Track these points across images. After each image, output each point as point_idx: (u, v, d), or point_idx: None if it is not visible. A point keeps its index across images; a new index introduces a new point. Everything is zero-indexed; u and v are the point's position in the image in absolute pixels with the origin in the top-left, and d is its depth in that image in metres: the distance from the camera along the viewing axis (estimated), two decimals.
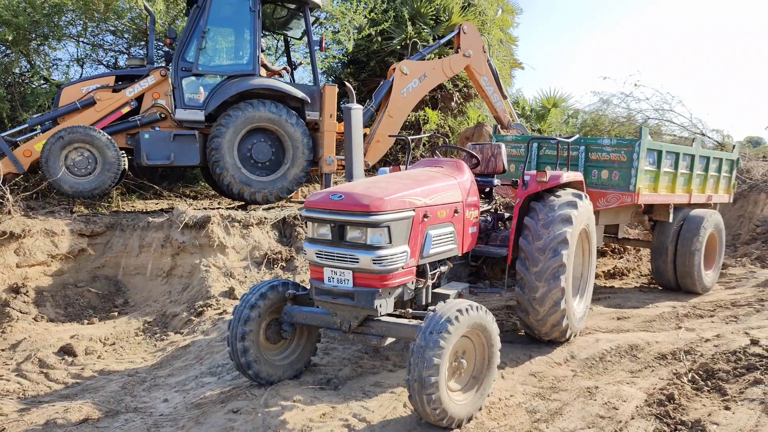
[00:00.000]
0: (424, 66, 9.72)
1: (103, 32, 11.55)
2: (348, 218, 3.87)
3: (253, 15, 8.08)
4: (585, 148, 7.10)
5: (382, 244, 3.86)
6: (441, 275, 4.79)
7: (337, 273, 3.97)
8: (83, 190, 7.55)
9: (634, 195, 6.72)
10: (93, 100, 7.83)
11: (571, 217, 5.10)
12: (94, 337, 5.98)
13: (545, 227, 5.04)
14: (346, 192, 3.98)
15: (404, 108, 9.48)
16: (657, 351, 5.47)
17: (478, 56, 10.05)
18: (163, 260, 7.33)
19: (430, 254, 4.35)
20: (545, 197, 5.30)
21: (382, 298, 3.95)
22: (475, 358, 4.01)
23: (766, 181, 12.29)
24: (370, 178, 4.71)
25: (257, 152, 8.18)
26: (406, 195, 4.11)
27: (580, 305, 5.75)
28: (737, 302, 7.33)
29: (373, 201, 3.84)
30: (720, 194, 8.70)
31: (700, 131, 14.74)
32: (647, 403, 4.31)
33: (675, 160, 7.40)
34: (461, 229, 4.79)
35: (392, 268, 3.92)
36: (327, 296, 4.03)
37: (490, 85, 10.24)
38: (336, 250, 3.94)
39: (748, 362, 4.90)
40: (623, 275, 9.29)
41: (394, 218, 3.93)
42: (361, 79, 13.25)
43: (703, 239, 7.76)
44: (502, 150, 6.08)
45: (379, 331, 4.02)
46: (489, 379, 4.03)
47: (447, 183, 4.69)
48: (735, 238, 11.54)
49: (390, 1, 12.69)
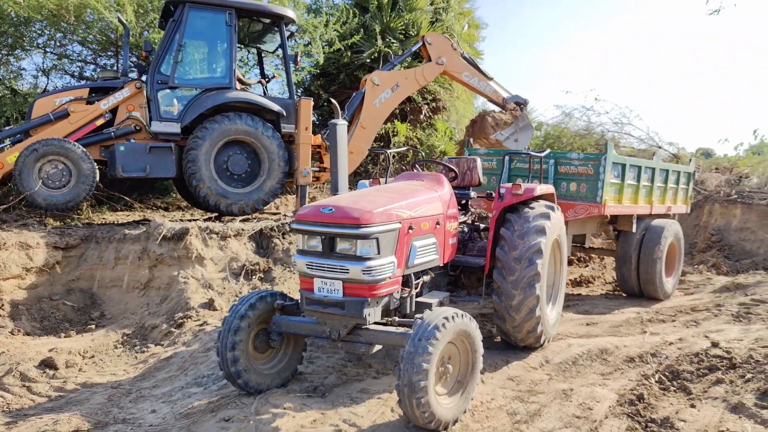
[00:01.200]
0: (397, 76, 9.88)
1: (71, 42, 11.46)
2: (338, 230, 4.02)
3: (229, 29, 8.18)
4: (555, 161, 7.43)
5: (371, 255, 4.02)
6: (424, 284, 4.95)
7: (327, 283, 4.11)
8: (57, 202, 7.50)
9: (600, 206, 7.07)
10: (66, 112, 7.79)
11: (545, 227, 5.34)
12: (73, 350, 5.94)
13: (521, 238, 5.27)
14: (335, 205, 4.13)
15: (377, 118, 9.62)
16: (625, 354, 5.75)
17: (451, 58, 10.18)
18: (140, 272, 7.32)
19: (414, 264, 4.52)
20: (520, 209, 5.54)
21: (371, 307, 4.10)
22: (460, 363, 4.18)
23: (719, 191, 12.90)
24: (356, 191, 4.89)
25: (233, 164, 8.25)
26: (392, 208, 4.29)
27: (552, 312, 6.01)
28: (696, 307, 7.72)
29: (362, 214, 4.01)
30: (678, 205, 9.15)
31: (656, 144, 15.37)
32: (619, 403, 4.56)
33: (638, 173, 7.79)
34: (443, 240, 4.98)
35: (380, 278, 4.07)
36: (317, 306, 4.16)
37: (473, 76, 10.34)
38: (326, 261, 4.08)
39: (710, 363, 5.21)
40: (589, 283, 9.65)
41: (383, 230, 4.09)
42: (331, 91, 13.42)
43: (663, 248, 8.16)
44: (477, 164, 6.34)
45: (367, 339, 4.16)
46: (473, 383, 4.22)
47: (429, 196, 4.89)
48: (692, 246, 12.08)
49: (360, 16, 12.93)
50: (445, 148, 13.36)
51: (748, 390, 4.51)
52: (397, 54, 12.40)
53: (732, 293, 8.48)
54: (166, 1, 8.22)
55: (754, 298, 7.72)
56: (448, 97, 14.30)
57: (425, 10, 13.50)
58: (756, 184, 13.04)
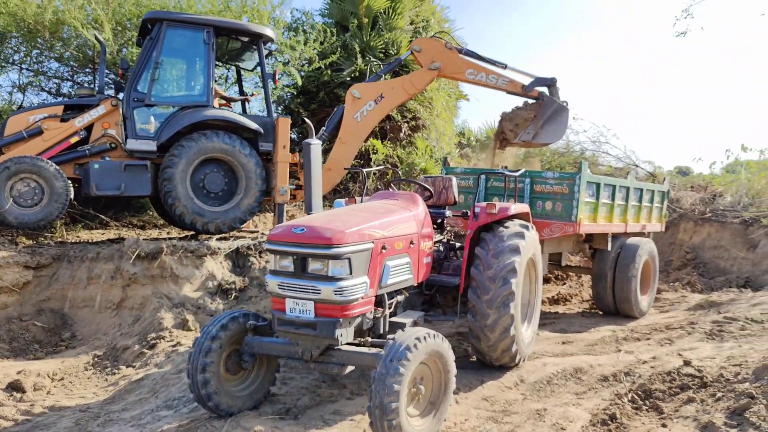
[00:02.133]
0: (380, 87, 9.36)
1: (48, 59, 11.39)
2: (310, 251, 4.02)
3: (207, 47, 8.17)
4: (530, 180, 7.49)
5: (343, 276, 4.02)
6: (398, 304, 4.97)
7: (299, 304, 4.09)
8: (29, 221, 7.37)
9: (575, 225, 7.13)
10: (40, 129, 7.69)
11: (519, 247, 5.38)
12: (42, 373, 5.83)
13: (495, 257, 5.30)
14: (308, 225, 4.14)
15: (358, 133, 9.26)
16: (600, 373, 5.78)
17: (446, 60, 9.33)
18: (112, 292, 7.22)
19: (388, 284, 4.53)
20: (495, 228, 5.58)
21: (343, 327, 4.09)
22: (433, 383, 4.17)
23: (695, 210, 13.10)
24: (329, 211, 4.88)
25: (210, 182, 8.19)
26: (365, 228, 4.29)
27: (528, 331, 6.02)
28: (671, 325, 7.78)
29: (334, 234, 4.01)
30: (653, 223, 9.26)
31: (633, 162, 15.61)
32: (592, 423, 4.57)
33: (612, 192, 7.88)
34: (417, 259, 4.98)
35: (352, 299, 4.07)
36: (289, 326, 4.14)
37: (479, 72, 9.32)
38: (298, 281, 4.07)
39: (682, 382, 5.25)
40: (566, 301, 9.70)
41: (355, 250, 4.10)
42: (311, 109, 13.43)
43: (638, 266, 8.24)
44: (453, 183, 6.37)
45: (339, 360, 4.14)
46: (445, 403, 4.21)
47: (403, 215, 4.90)
48: (667, 264, 12.22)
49: (340, 35, 13.01)
50: (426, 166, 13.42)
51: (718, 409, 4.53)
52: None
53: (706, 311, 8.57)
54: (144, 19, 8.20)
55: (726, 316, 7.80)
56: (428, 116, 14.37)
57: (405, 29, 13.61)
58: (729, 203, 13.26)
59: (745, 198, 13.05)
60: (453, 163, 13.72)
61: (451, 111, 15.92)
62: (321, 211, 4.88)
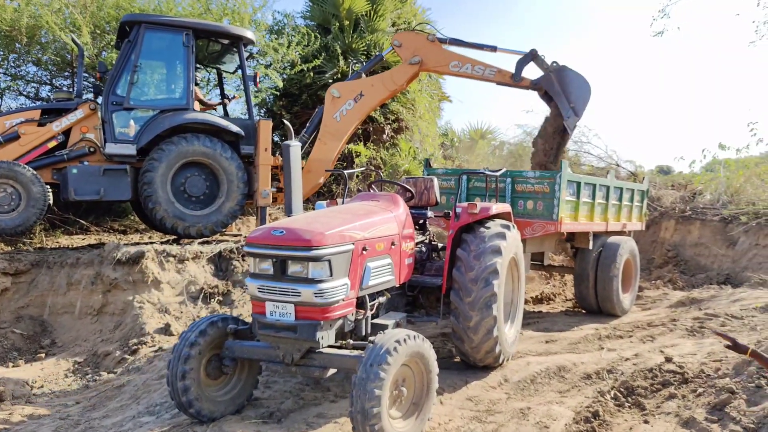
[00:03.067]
0: (359, 84, 9.17)
1: (25, 63, 11.24)
2: (289, 253, 3.97)
3: (186, 50, 8.10)
4: (511, 180, 7.51)
5: (323, 278, 3.97)
6: (380, 306, 4.94)
7: (279, 307, 4.04)
8: (6, 227, 7.23)
9: (557, 224, 7.15)
10: (17, 134, 7.57)
11: (500, 248, 5.37)
12: (21, 381, 5.74)
13: (476, 258, 5.28)
14: (287, 227, 4.09)
15: (338, 133, 9.07)
16: (583, 371, 5.81)
17: (428, 54, 9.04)
18: (93, 298, 7.13)
19: (369, 286, 4.50)
20: (476, 229, 5.56)
21: (324, 330, 4.05)
22: (415, 385, 4.15)
23: (675, 208, 13.24)
24: (310, 212, 4.82)
25: (191, 186, 8.11)
26: (345, 229, 4.26)
27: (511, 330, 6.01)
28: (653, 322, 7.85)
29: (314, 236, 3.96)
30: (633, 222, 9.33)
31: (615, 162, 15.75)
32: (575, 421, 4.59)
33: (592, 191, 7.92)
34: (398, 260, 4.96)
35: (333, 301, 4.03)
36: (269, 330, 4.08)
37: (464, 63, 8.91)
38: (278, 284, 4.02)
39: (664, 378, 5.30)
40: (550, 300, 9.76)
41: (335, 252, 4.05)
42: (294, 112, 13.39)
43: (620, 265, 8.30)
44: (434, 183, 6.35)
45: (321, 363, 4.10)
46: (428, 404, 4.19)
47: (384, 216, 4.87)
48: (649, 262, 12.33)
49: (322, 37, 12.99)
50: (409, 168, 13.43)
51: (699, 405, 4.58)
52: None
53: (687, 308, 8.67)
54: (122, 22, 8.11)
55: (707, 313, 7.89)
56: (410, 117, 14.39)
57: (387, 31, 13.64)
58: (709, 201, 13.42)
59: (724, 196, 13.22)
60: (436, 164, 13.77)
61: (434, 112, 15.96)
62: (301, 212, 4.85)
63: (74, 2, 10.39)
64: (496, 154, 17.60)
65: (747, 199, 12.66)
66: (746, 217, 11.84)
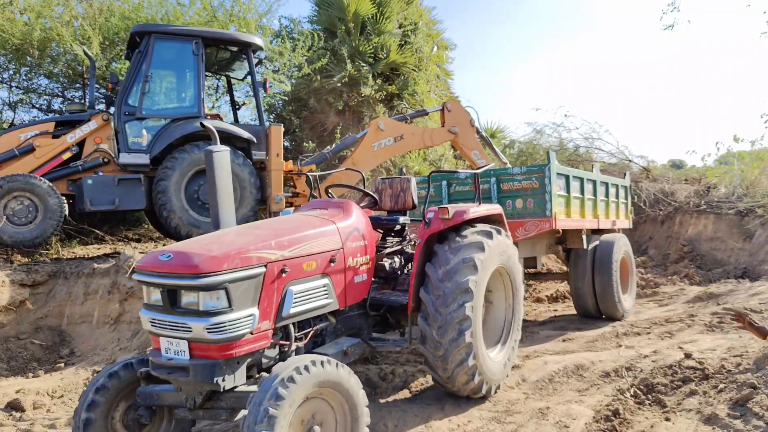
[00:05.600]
0: (404, 128, 9.48)
1: (37, 76, 11.38)
2: (177, 282, 3.36)
3: (196, 58, 8.17)
4: (496, 179, 7.08)
5: (219, 309, 3.35)
6: (323, 332, 4.36)
7: (173, 344, 3.43)
8: (24, 239, 7.34)
9: (551, 220, 6.67)
10: (32, 146, 7.67)
11: (475, 262, 4.61)
12: (41, 391, 5.78)
13: (446, 276, 4.55)
14: (175, 251, 3.48)
15: (370, 161, 9.24)
16: (601, 369, 5.77)
17: (465, 131, 9.81)
18: (110, 307, 7.19)
19: (291, 314, 3.81)
20: (450, 238, 4.80)
21: (226, 371, 3.43)
22: (336, 422, 3.50)
23: (690, 202, 13.13)
24: (220, 230, 4.06)
25: (205, 193, 8.17)
26: (254, 249, 3.61)
27: (500, 354, 5.23)
28: (670, 318, 7.79)
29: (204, 260, 3.34)
30: (622, 220, 8.93)
31: (626, 157, 15.67)
32: (595, 420, 4.56)
33: (581, 185, 7.52)
34: (341, 279, 4.29)
35: (235, 336, 3.39)
36: (163, 370, 3.47)
37: (482, 158, 9.84)
38: (168, 317, 3.41)
39: (684, 375, 5.25)
40: (565, 299, 9.70)
41: (235, 278, 3.42)
42: (303, 116, 13.46)
43: (617, 263, 7.89)
44: (411, 184, 5.76)
45: (229, 404, 3.53)
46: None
47: (321, 229, 4.20)
48: (665, 257, 12.25)
49: (328, 41, 13.03)
50: (419, 169, 13.43)
51: (720, 401, 4.53)
52: (366, 78, 12.51)
53: (705, 303, 8.59)
54: (132, 32, 8.19)
55: (725, 307, 7.82)
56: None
57: (393, 32, 13.66)
58: (724, 194, 13.31)
59: (739, 189, 13.11)
60: (447, 165, 13.75)
61: None
62: (234, 226, 4.22)
63: (84, 14, 10.51)
64: (507, 153, 17.52)
65: (762, 192, 12.54)
66: (762, 209, 11.73)
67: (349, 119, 13.15)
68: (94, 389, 3.65)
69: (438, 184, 7.65)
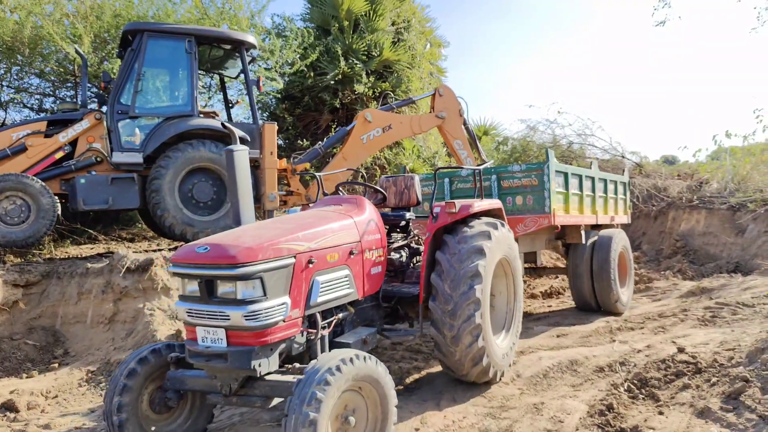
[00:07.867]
0: (391, 117, 9.56)
1: (28, 75, 11.31)
2: (215, 272, 3.54)
3: (189, 56, 8.14)
4: (497, 176, 7.26)
5: (255, 298, 3.53)
6: (343, 322, 4.55)
7: (210, 332, 3.62)
8: (17, 239, 7.29)
9: (550, 216, 6.85)
10: (24, 146, 7.62)
11: (483, 248, 4.90)
12: (36, 391, 5.77)
13: (457, 261, 4.83)
14: (212, 243, 3.67)
15: (360, 154, 9.35)
16: (595, 364, 5.80)
17: (452, 119, 9.89)
18: (104, 306, 7.16)
19: (318, 303, 4.04)
20: (458, 229, 5.09)
21: (262, 356, 3.60)
22: (368, 416, 3.67)
23: (682, 198, 13.20)
24: (249, 224, 4.27)
25: (198, 192, 8.15)
26: (284, 241, 3.81)
27: (505, 341, 5.50)
28: (663, 313, 7.84)
29: (241, 251, 3.53)
30: (620, 215, 9.09)
31: (620, 153, 15.72)
32: (589, 414, 4.59)
33: (579, 182, 7.68)
34: (360, 271, 4.53)
35: (269, 323, 3.57)
36: (200, 358, 3.65)
37: (463, 149, 9.93)
38: (206, 307, 3.59)
39: (677, 369, 5.29)
40: (559, 294, 9.74)
41: (269, 268, 3.61)
42: (296, 114, 13.44)
43: (616, 258, 8.02)
44: (415, 182, 5.95)
45: (262, 392, 3.69)
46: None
47: (340, 223, 4.44)
48: (658, 252, 12.32)
49: (322, 38, 13.02)
50: (413, 166, 13.44)
51: (713, 394, 4.57)
52: (360, 76, 12.50)
53: (698, 297, 8.65)
54: (124, 30, 8.15)
55: (718, 302, 7.88)
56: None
57: (387, 30, 13.66)
58: (716, 189, 13.38)
59: (731, 184, 13.18)
60: (441, 162, 13.77)
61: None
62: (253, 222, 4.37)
63: (74, 12, 10.45)
64: (500, 150, 17.54)
65: (754, 187, 12.62)
66: (754, 204, 11.80)
67: (343, 117, 13.14)
68: (126, 373, 3.86)
69: (440, 181, 7.79)
